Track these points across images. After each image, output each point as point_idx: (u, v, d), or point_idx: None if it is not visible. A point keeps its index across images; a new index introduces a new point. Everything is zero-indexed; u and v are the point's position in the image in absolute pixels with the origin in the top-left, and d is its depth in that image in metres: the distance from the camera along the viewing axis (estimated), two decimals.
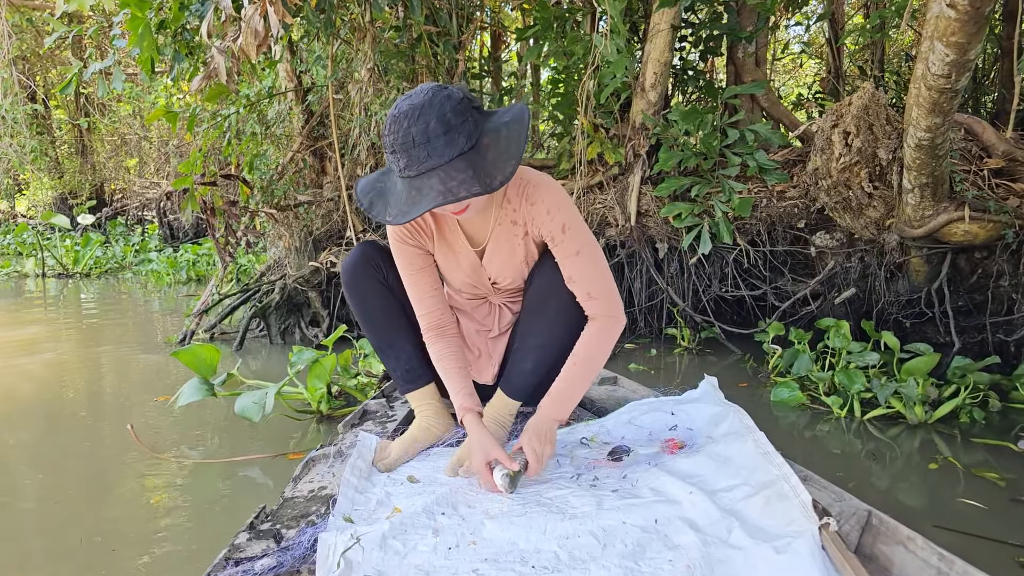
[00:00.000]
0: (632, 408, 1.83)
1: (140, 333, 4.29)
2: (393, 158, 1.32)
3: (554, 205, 1.51)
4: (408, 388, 1.74)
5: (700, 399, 1.84)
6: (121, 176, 11.51)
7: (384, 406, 2.06)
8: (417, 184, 1.29)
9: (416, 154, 1.28)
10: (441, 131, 1.27)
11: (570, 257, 1.52)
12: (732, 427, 1.59)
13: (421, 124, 1.27)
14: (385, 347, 1.72)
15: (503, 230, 1.59)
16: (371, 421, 1.95)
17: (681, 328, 3.67)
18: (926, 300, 3.19)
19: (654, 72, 3.49)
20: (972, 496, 1.91)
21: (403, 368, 1.72)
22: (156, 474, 2.08)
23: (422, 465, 1.59)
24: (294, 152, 4.03)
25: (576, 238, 1.52)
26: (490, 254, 1.63)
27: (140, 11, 2.46)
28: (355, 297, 1.69)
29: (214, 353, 2.34)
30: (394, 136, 1.30)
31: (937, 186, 2.81)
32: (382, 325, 1.69)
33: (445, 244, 1.66)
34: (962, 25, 2.08)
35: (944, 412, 2.50)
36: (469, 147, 1.29)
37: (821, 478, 1.45)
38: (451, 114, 1.28)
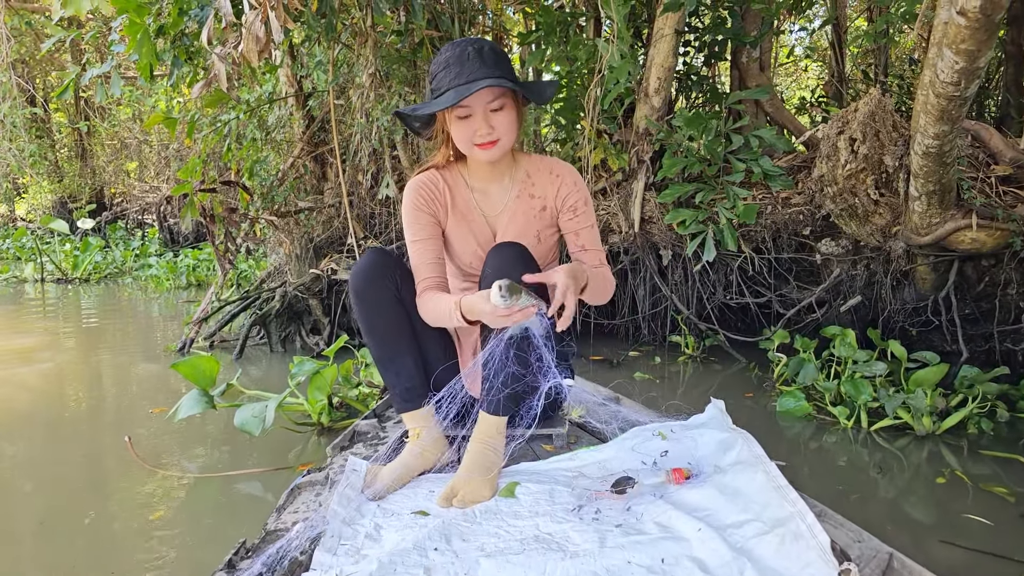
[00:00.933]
0: (636, 434, 1.75)
1: (139, 341, 4.25)
2: (444, 72, 1.47)
3: (578, 179, 1.70)
4: (405, 407, 1.68)
5: (707, 424, 1.77)
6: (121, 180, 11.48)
7: (376, 427, 1.98)
8: (467, 85, 1.43)
9: (469, 66, 1.44)
10: (493, 56, 1.47)
11: (587, 228, 1.67)
12: (741, 456, 1.52)
13: (477, 45, 1.46)
14: (387, 361, 1.66)
15: (520, 203, 1.67)
16: (361, 443, 1.86)
17: (685, 336, 3.63)
18: (932, 308, 3.16)
19: (658, 77, 3.46)
20: (980, 510, 1.88)
21: (403, 386, 1.66)
22: (155, 489, 2.05)
23: (413, 493, 1.51)
24: (295, 158, 4.00)
25: (592, 212, 1.70)
26: (504, 227, 1.68)
27: (138, 16, 2.43)
28: (364, 306, 1.63)
29: (213, 364, 2.30)
30: (448, 54, 1.47)
31: (944, 194, 2.78)
32: (387, 338, 1.64)
33: (459, 216, 1.68)
34: (972, 32, 2.05)
35: (952, 423, 2.47)
36: (512, 79, 1.49)
37: (837, 514, 1.39)
38: (500, 51, 1.50)
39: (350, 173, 3.83)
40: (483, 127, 1.49)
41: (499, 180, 1.68)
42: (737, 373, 3.34)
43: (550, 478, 1.56)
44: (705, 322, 3.61)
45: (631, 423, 1.89)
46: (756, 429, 2.57)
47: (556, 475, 1.58)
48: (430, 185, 1.67)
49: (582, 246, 1.68)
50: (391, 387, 1.67)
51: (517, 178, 1.69)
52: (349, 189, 3.74)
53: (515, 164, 1.69)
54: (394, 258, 1.67)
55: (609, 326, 3.98)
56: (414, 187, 1.67)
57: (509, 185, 1.68)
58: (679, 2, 3.21)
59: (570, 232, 1.69)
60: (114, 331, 4.61)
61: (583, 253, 1.67)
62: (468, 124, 1.51)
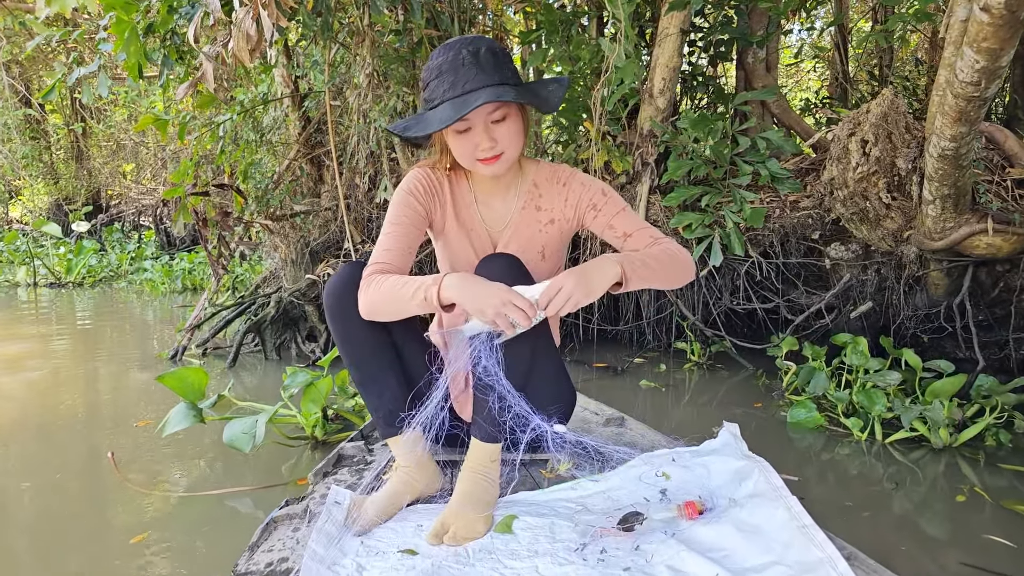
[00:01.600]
0: (644, 460, 1.62)
1: (132, 347, 4.16)
2: (437, 82, 1.32)
3: (585, 179, 1.56)
4: (390, 432, 1.54)
5: (720, 450, 1.63)
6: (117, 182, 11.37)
7: (362, 450, 1.84)
8: (463, 97, 1.29)
9: (465, 72, 1.29)
10: (491, 58, 1.31)
11: (619, 214, 1.52)
12: (758, 487, 1.40)
13: (472, 47, 1.31)
14: (368, 382, 1.52)
15: (525, 216, 1.56)
16: (346, 469, 1.74)
17: (691, 342, 3.55)
18: (945, 314, 3.07)
19: (663, 78, 3.37)
20: (1000, 529, 1.79)
21: (386, 408, 1.52)
22: (139, 508, 1.95)
23: (401, 527, 1.39)
24: (290, 160, 3.91)
25: (616, 197, 1.55)
26: (506, 242, 1.57)
27: (126, 14, 2.33)
28: (339, 324, 1.49)
29: (201, 376, 2.21)
30: (442, 58, 1.32)
31: (959, 197, 2.69)
32: (367, 357, 1.50)
33: (459, 221, 1.57)
34: (995, 30, 1.96)
35: (970, 436, 2.39)
36: (514, 82, 1.34)
37: (869, 559, 1.28)
38: (500, 50, 1.34)
39: (347, 176, 3.74)
40: (485, 141, 1.36)
41: (503, 191, 1.57)
42: (744, 381, 3.26)
43: (550, 510, 1.44)
44: (711, 328, 3.52)
45: (637, 447, 1.77)
46: (766, 440, 2.53)
47: (557, 507, 1.45)
48: (434, 181, 1.55)
49: (624, 234, 1.50)
50: (373, 411, 1.54)
51: (523, 189, 1.57)
52: (346, 192, 3.65)
53: (521, 173, 1.58)
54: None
55: (613, 332, 3.89)
56: (416, 175, 1.55)
57: (514, 196, 1.57)
58: (684, 1, 3.12)
59: (604, 229, 1.53)
60: (106, 337, 4.52)
61: (628, 241, 1.50)
62: (468, 138, 1.37)
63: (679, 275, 1.45)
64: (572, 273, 1.27)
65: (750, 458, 1.52)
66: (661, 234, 1.51)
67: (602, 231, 1.54)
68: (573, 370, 3.40)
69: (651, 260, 1.40)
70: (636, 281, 1.36)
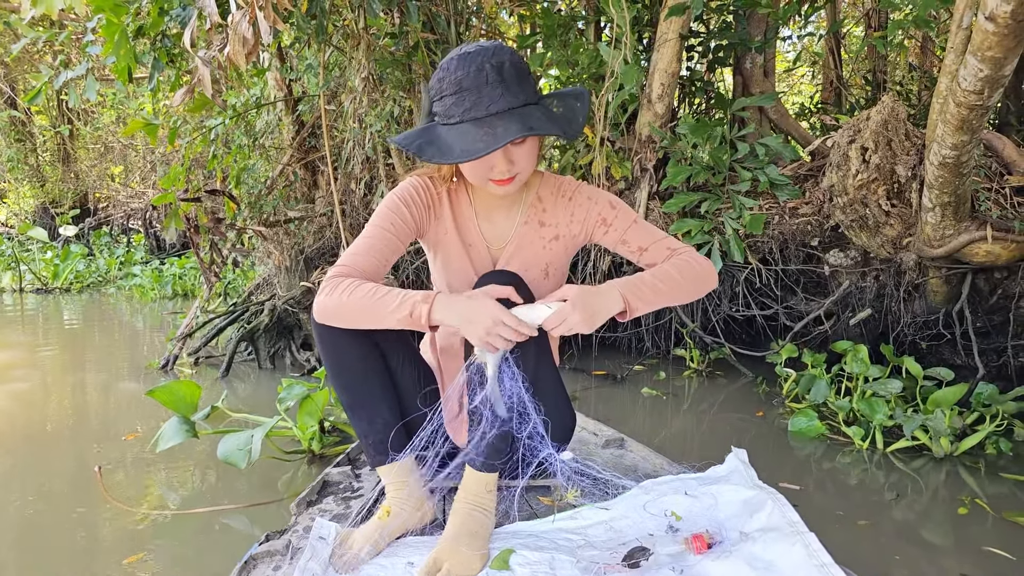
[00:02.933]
0: (648, 489, 1.53)
1: (121, 356, 4.08)
2: (454, 99, 1.21)
3: (592, 191, 1.48)
4: (380, 460, 1.44)
5: (728, 478, 1.56)
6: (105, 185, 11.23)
7: (348, 476, 1.73)
8: (489, 123, 1.19)
9: (489, 92, 1.19)
10: (515, 74, 1.22)
11: (632, 227, 1.45)
12: (772, 520, 1.32)
13: (496, 61, 1.20)
14: (357, 407, 1.42)
15: (528, 231, 1.48)
16: (332, 497, 1.63)
17: (690, 349, 3.52)
18: (944, 321, 3.06)
19: (661, 83, 3.35)
20: (1001, 541, 1.78)
21: (376, 436, 1.42)
22: (130, 527, 1.90)
23: (391, 564, 1.30)
24: (284, 165, 3.85)
25: (625, 209, 1.47)
26: (507, 259, 1.48)
27: (116, 16, 2.28)
28: (328, 343, 1.38)
29: (194, 390, 2.16)
30: (463, 72, 1.20)
31: (959, 205, 2.68)
32: (357, 380, 1.40)
33: (457, 236, 1.47)
34: (1000, 39, 1.95)
35: (971, 444, 2.38)
36: (536, 100, 1.25)
37: None
38: (521, 63, 1.24)
39: (342, 181, 3.69)
40: (502, 164, 1.27)
41: (506, 205, 1.48)
42: (744, 388, 3.24)
43: (550, 543, 1.35)
44: (710, 335, 3.50)
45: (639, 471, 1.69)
46: (767, 449, 2.51)
47: (557, 539, 1.36)
48: (432, 194, 1.45)
49: (639, 248, 1.44)
50: (362, 437, 1.44)
51: (526, 202, 1.48)
52: (341, 198, 3.59)
53: (524, 186, 1.49)
54: None
55: (612, 338, 3.86)
56: (413, 184, 1.45)
57: (517, 211, 1.48)
58: (684, 5, 3.10)
59: (617, 243, 1.46)
60: (95, 345, 4.44)
61: (644, 255, 1.44)
62: (485, 160, 1.27)
63: (697, 288, 1.38)
64: (577, 305, 1.21)
65: (761, 488, 1.44)
66: (679, 243, 1.44)
67: (615, 246, 1.47)
68: (572, 378, 3.37)
69: (663, 280, 1.34)
70: (643, 308, 1.30)
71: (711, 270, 1.41)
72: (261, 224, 3.56)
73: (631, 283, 1.30)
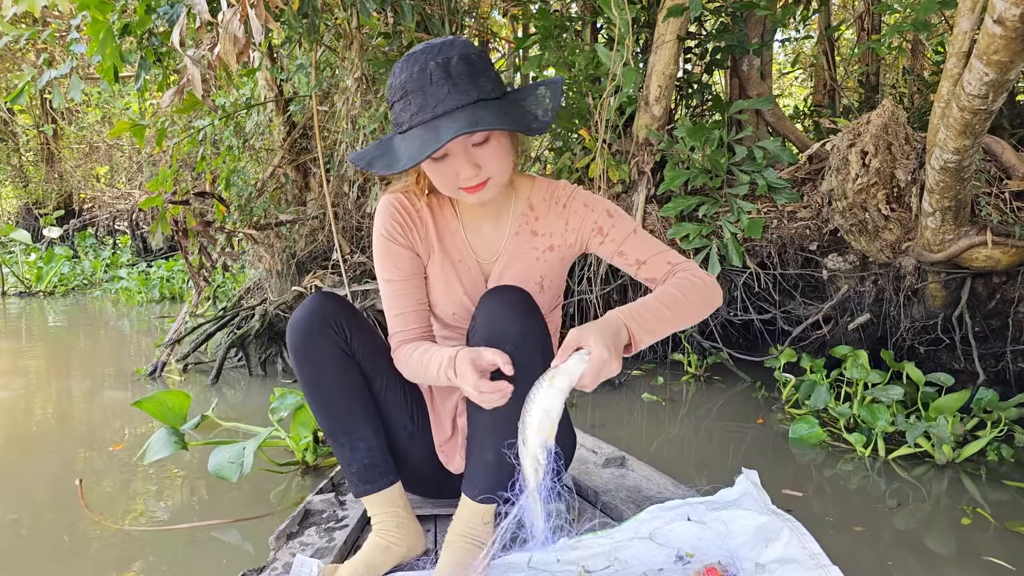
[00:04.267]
0: (654, 515, 1.42)
1: (108, 362, 3.99)
2: (402, 104, 1.13)
3: (588, 198, 1.36)
4: (365, 490, 1.33)
5: (739, 502, 1.45)
6: (91, 185, 11.07)
7: (333, 504, 1.62)
8: (433, 124, 1.10)
9: (435, 91, 1.10)
10: (465, 69, 1.11)
11: (629, 238, 1.33)
12: (790, 551, 1.23)
13: (441, 58, 1.10)
14: (339, 433, 1.32)
15: (520, 242, 1.36)
16: (314, 528, 1.50)
17: (688, 354, 3.49)
18: (942, 326, 3.05)
19: (659, 85, 3.32)
20: (1003, 550, 1.76)
21: (360, 463, 1.32)
22: (117, 543, 1.83)
23: None
24: (275, 167, 3.78)
25: (624, 218, 1.36)
26: (499, 273, 1.37)
27: (101, 14, 2.20)
28: (305, 366, 1.30)
29: (183, 400, 2.09)
30: (407, 75, 1.12)
31: (960, 210, 2.67)
32: (338, 405, 1.30)
33: (444, 253, 1.37)
34: (1008, 43, 1.92)
35: (973, 451, 2.36)
36: (495, 96, 1.13)
37: None
38: (475, 56, 1.13)
39: (335, 183, 3.62)
40: (466, 169, 1.15)
41: (494, 215, 1.36)
42: (742, 392, 3.22)
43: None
44: (708, 339, 3.47)
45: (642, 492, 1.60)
46: (767, 455, 2.48)
47: (557, 572, 1.26)
48: (410, 211, 1.35)
49: (637, 261, 1.33)
50: (345, 465, 1.33)
51: (516, 211, 1.36)
52: (334, 200, 3.53)
53: (514, 193, 1.37)
54: (341, 304, 1.34)
55: None
56: (388, 211, 1.34)
57: (506, 220, 1.36)
58: (682, 7, 3.07)
59: (614, 255, 1.35)
60: (80, 351, 4.34)
61: (643, 269, 1.33)
62: (447, 165, 1.17)
63: (703, 309, 1.28)
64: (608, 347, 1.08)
65: (776, 513, 1.34)
66: (680, 256, 1.34)
67: (611, 257, 1.36)
68: None
69: (668, 305, 1.23)
70: (648, 340, 1.19)
71: (715, 287, 1.32)
72: (251, 227, 3.49)
73: (635, 313, 1.19)
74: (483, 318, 1.25)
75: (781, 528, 1.28)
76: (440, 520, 1.52)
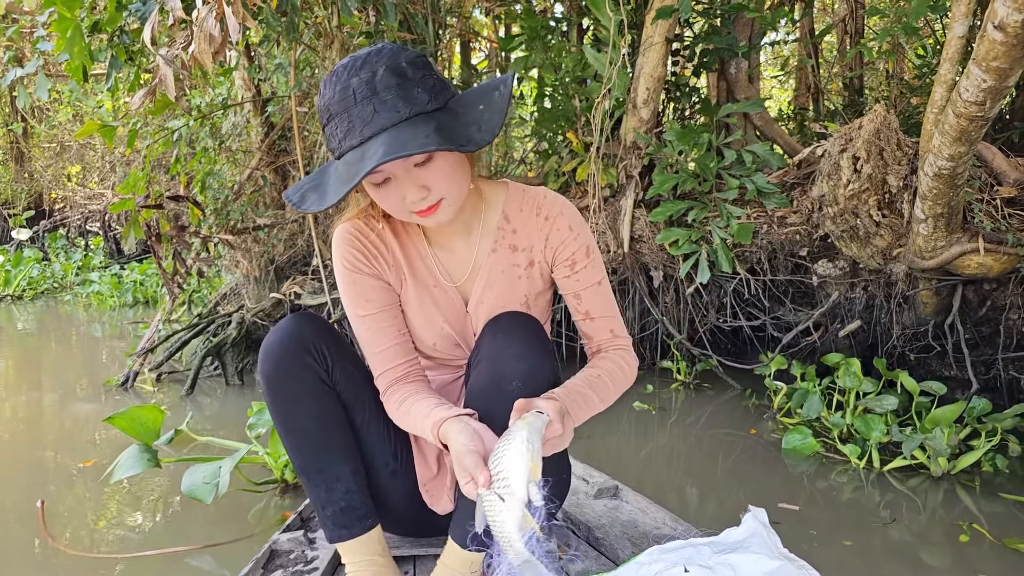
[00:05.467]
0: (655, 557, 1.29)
1: (78, 371, 3.84)
2: (331, 128, 1.01)
3: (576, 222, 1.22)
4: (341, 535, 1.21)
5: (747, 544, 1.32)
6: (62, 185, 10.78)
7: (301, 543, 1.46)
8: (362, 149, 0.97)
9: (360, 112, 0.97)
10: (393, 82, 0.97)
11: (592, 287, 1.23)
12: None
13: (365, 73, 0.97)
14: (313, 472, 1.19)
15: (499, 259, 1.23)
16: (280, 572, 1.36)
17: (677, 361, 3.44)
18: (933, 333, 3.03)
19: (647, 88, 3.26)
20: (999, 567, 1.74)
21: (336, 505, 1.19)
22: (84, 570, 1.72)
23: None
24: (252, 169, 3.66)
25: (598, 263, 1.24)
26: (478, 296, 1.24)
27: (69, 11, 2.09)
28: (278, 396, 1.17)
29: (156, 415, 1.98)
30: (330, 94, 0.99)
31: (952, 216, 2.64)
32: (315, 441, 1.17)
33: (417, 280, 1.23)
34: (1008, 49, 1.88)
35: (968, 463, 2.34)
36: (433, 108, 1.00)
37: None
38: (407, 64, 0.99)
39: None
40: (412, 192, 1.03)
41: (464, 231, 1.23)
42: (732, 400, 3.18)
43: None
44: (697, 346, 3.42)
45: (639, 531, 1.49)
46: (760, 467, 2.43)
47: None
48: (371, 237, 1.21)
49: (586, 313, 1.23)
50: (320, 507, 1.21)
51: (490, 223, 1.22)
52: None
53: (485, 204, 1.23)
54: (321, 326, 1.21)
55: None
56: (346, 239, 1.20)
57: (478, 235, 1.23)
58: (671, 9, 3.01)
59: (569, 293, 1.25)
60: (49, 358, 4.18)
61: (587, 324, 1.24)
62: (392, 189, 1.04)
63: (614, 398, 1.21)
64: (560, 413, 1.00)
65: (789, 559, 1.24)
66: (622, 329, 1.26)
67: (565, 294, 1.26)
68: None
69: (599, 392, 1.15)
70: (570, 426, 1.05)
71: (632, 377, 1.25)
72: (228, 232, 3.37)
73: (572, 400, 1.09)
74: (487, 351, 1.14)
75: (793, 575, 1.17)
76: (420, 561, 1.39)
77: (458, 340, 1.28)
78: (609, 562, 1.41)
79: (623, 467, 2.45)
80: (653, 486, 2.28)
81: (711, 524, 1.35)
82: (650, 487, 2.20)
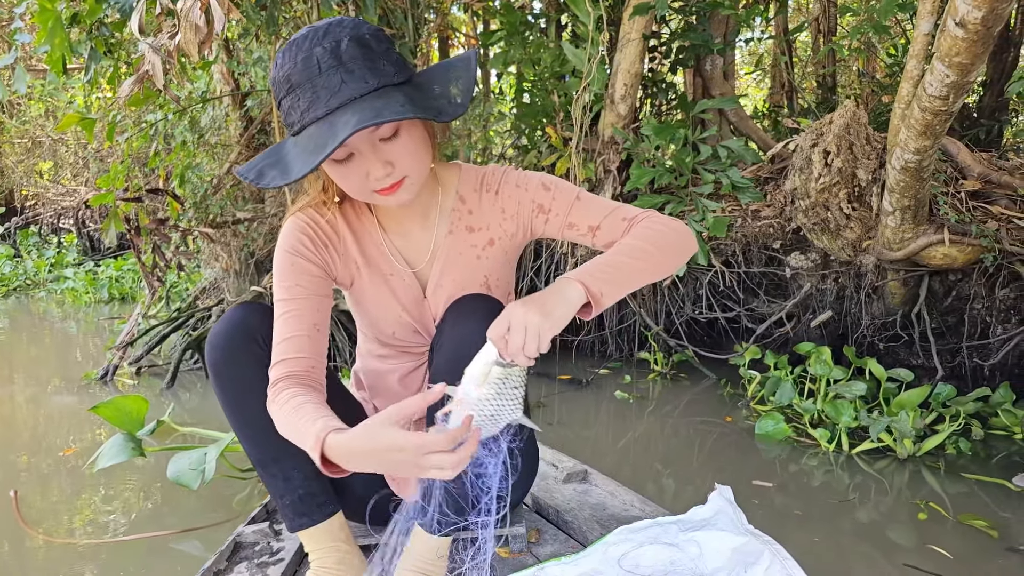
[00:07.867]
0: (622, 537, 1.31)
1: (54, 366, 3.80)
2: (291, 100, 0.97)
3: (520, 177, 1.20)
4: (301, 523, 1.19)
5: (713, 521, 1.34)
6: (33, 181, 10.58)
7: (267, 534, 1.43)
8: (329, 121, 0.94)
9: (326, 81, 0.93)
10: (359, 53, 0.94)
11: (575, 206, 1.16)
12: None
13: (329, 43, 0.94)
14: (268, 462, 1.17)
15: (456, 241, 1.21)
16: (245, 564, 1.33)
17: (654, 352, 3.50)
18: (901, 323, 3.13)
19: (624, 83, 3.32)
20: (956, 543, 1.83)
21: (295, 494, 1.17)
22: (66, 557, 1.72)
23: None
24: (231, 163, 3.65)
25: (563, 185, 1.19)
26: (437, 280, 1.21)
27: (49, 2, 2.08)
28: (227, 387, 1.15)
29: (141, 404, 1.99)
30: (291, 65, 0.95)
31: (918, 209, 2.73)
32: (266, 430, 1.09)
33: (370, 268, 1.21)
34: (969, 45, 1.97)
35: (933, 445, 2.43)
36: (400, 80, 0.98)
37: None
38: (370, 36, 0.96)
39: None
40: (377, 168, 0.99)
41: (420, 215, 1.20)
42: (707, 390, 3.24)
43: None
44: (674, 338, 3.49)
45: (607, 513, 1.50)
46: (734, 452, 2.51)
47: None
48: (323, 227, 1.17)
49: (590, 228, 1.16)
50: (278, 497, 1.19)
51: (446, 206, 1.21)
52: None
53: (439, 187, 1.21)
54: (266, 314, 1.17)
55: (575, 342, 3.82)
56: (297, 227, 1.16)
57: (435, 219, 1.21)
58: (648, 5, 3.07)
59: (563, 230, 1.19)
60: (23, 354, 4.13)
61: (598, 235, 1.16)
62: (354, 166, 1.01)
63: (674, 254, 1.11)
64: (517, 303, 0.96)
65: (754, 535, 1.26)
66: (636, 210, 1.16)
67: (561, 233, 1.19)
68: (537, 383, 3.30)
69: (627, 254, 1.07)
70: (611, 291, 1.02)
71: (685, 231, 1.14)
72: (207, 225, 3.36)
73: (586, 269, 1.03)
74: (448, 335, 1.12)
75: (761, 551, 1.20)
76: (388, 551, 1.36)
77: (417, 327, 1.26)
78: (578, 544, 1.42)
79: (601, 455, 2.50)
80: (631, 473, 2.33)
81: (687, 508, 1.39)
82: (627, 474, 2.26)
